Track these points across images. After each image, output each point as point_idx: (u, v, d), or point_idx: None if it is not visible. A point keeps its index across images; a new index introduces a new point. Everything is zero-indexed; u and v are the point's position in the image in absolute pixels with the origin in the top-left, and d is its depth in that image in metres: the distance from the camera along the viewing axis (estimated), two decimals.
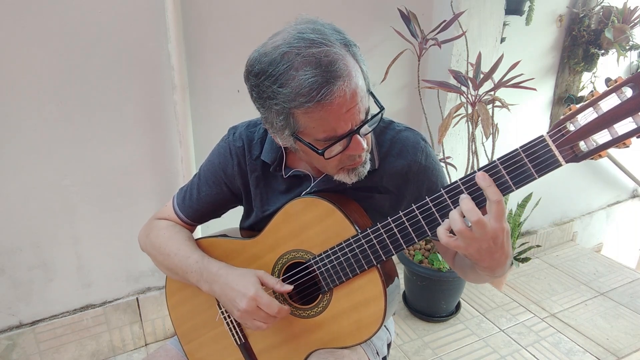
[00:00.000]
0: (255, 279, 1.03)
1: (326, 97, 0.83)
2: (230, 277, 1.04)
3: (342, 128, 0.88)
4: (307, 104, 0.84)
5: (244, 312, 1.00)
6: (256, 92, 0.91)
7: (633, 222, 3.65)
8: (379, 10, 2.16)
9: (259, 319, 1.01)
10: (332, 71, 0.83)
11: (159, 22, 1.76)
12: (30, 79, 1.66)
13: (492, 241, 0.83)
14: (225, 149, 1.17)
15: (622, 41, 2.50)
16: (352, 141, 0.91)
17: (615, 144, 0.71)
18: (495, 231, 0.82)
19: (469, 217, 0.81)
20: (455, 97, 2.23)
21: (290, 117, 0.88)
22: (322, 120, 0.87)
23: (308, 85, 0.82)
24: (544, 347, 2.21)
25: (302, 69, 0.83)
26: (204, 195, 1.20)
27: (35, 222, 1.83)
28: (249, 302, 0.99)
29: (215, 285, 1.06)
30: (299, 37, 0.85)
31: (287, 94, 0.84)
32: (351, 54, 0.88)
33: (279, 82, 0.85)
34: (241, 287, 1.01)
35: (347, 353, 1.09)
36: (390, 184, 1.10)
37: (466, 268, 1.08)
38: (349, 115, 0.87)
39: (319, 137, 0.89)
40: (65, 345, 2.04)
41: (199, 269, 1.09)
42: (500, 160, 0.81)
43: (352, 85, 0.85)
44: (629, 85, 0.69)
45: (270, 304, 1.00)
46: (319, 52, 0.83)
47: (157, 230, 1.20)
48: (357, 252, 0.99)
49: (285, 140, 0.96)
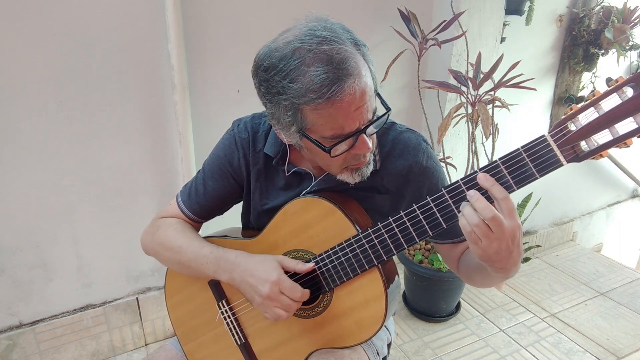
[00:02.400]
0: (276, 264, 1.01)
1: (337, 94, 0.83)
2: (251, 263, 1.03)
3: (350, 126, 0.88)
4: (318, 100, 0.84)
5: (266, 297, 0.98)
6: (265, 87, 0.90)
7: (633, 222, 3.65)
8: (379, 10, 2.16)
9: (281, 306, 0.99)
10: (344, 69, 0.83)
11: (159, 22, 1.76)
12: (30, 79, 1.66)
13: (510, 240, 0.81)
14: (231, 140, 1.16)
15: (622, 41, 2.50)
16: (358, 140, 0.91)
17: (616, 143, 0.71)
18: (512, 229, 0.80)
19: (484, 215, 0.78)
20: (455, 97, 2.23)
21: (298, 114, 0.88)
22: (330, 117, 0.86)
23: (319, 82, 0.82)
24: (544, 347, 2.21)
25: (313, 65, 0.83)
26: (210, 190, 1.18)
27: (35, 222, 1.83)
28: (272, 287, 0.98)
29: (235, 273, 1.04)
30: (310, 33, 0.85)
31: (297, 90, 0.84)
32: (361, 53, 0.89)
33: (290, 78, 0.85)
34: (262, 273, 1.00)
35: (347, 353, 1.09)
36: (391, 185, 1.09)
37: (474, 272, 1.04)
38: (358, 113, 0.87)
39: (326, 135, 0.89)
40: (65, 345, 2.04)
41: (215, 259, 1.08)
42: (501, 160, 0.81)
43: (361, 84, 0.86)
44: (630, 85, 0.69)
45: (294, 288, 0.98)
46: (331, 50, 0.83)
47: (165, 226, 1.19)
48: (357, 251, 0.99)
49: (291, 137, 0.96)
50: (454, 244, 1.13)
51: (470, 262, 1.06)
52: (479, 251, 0.83)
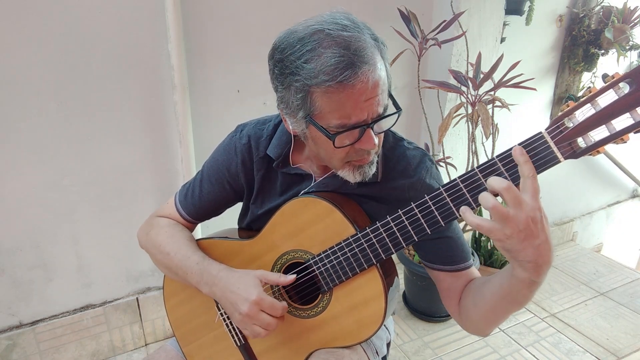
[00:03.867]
0: (257, 281, 1.01)
1: (349, 79, 0.82)
2: (232, 279, 1.03)
3: (358, 116, 0.87)
4: (329, 82, 0.83)
5: (245, 315, 0.98)
6: (279, 67, 0.90)
7: (633, 222, 3.64)
8: (379, 10, 2.16)
9: (260, 324, 0.99)
10: (360, 56, 0.83)
11: (159, 22, 1.76)
12: (31, 79, 1.66)
13: (530, 220, 0.75)
14: (230, 146, 1.16)
15: (622, 41, 2.50)
16: (364, 135, 0.90)
17: (613, 139, 0.71)
18: (532, 209, 0.75)
19: (498, 187, 0.75)
20: (455, 97, 2.23)
21: (308, 97, 0.87)
22: (339, 103, 0.85)
23: (334, 64, 0.82)
24: (544, 347, 2.21)
25: (330, 48, 0.83)
26: (205, 193, 1.19)
27: (35, 222, 1.83)
28: (251, 307, 0.98)
29: (216, 287, 1.05)
30: (332, 20, 0.86)
31: (310, 70, 0.84)
32: (379, 49, 0.89)
33: (305, 58, 0.85)
34: (242, 291, 1.00)
35: (347, 353, 1.09)
36: (391, 197, 1.07)
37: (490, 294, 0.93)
38: (368, 104, 0.87)
39: (333, 124, 0.88)
40: (65, 345, 2.04)
41: (199, 271, 1.08)
42: (498, 158, 0.80)
43: (375, 75, 0.85)
44: (626, 81, 0.69)
45: (273, 306, 0.98)
46: (350, 37, 0.84)
47: (158, 228, 1.20)
48: (356, 251, 0.98)
49: (297, 124, 0.95)
50: (454, 274, 1.06)
51: (484, 284, 0.98)
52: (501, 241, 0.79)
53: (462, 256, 1.06)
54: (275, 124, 1.15)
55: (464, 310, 1.03)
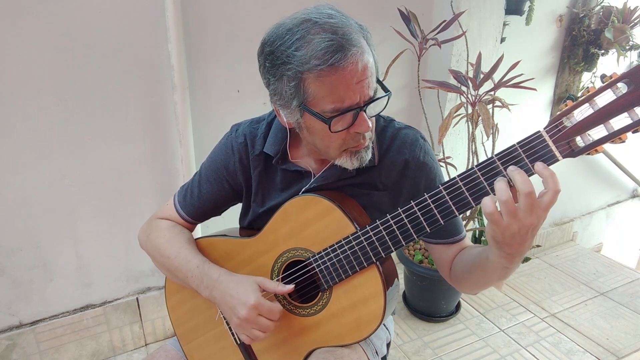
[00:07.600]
0: (255, 286, 1.02)
1: (340, 61, 0.85)
2: (231, 284, 1.04)
3: (351, 99, 0.89)
4: (320, 66, 0.85)
5: (243, 320, 1.00)
6: (270, 60, 0.92)
7: (633, 222, 3.64)
8: (379, 10, 2.16)
9: (258, 328, 1.01)
10: (348, 39, 0.86)
11: (159, 22, 1.76)
12: (31, 79, 1.66)
13: (532, 228, 0.79)
14: (227, 145, 1.17)
15: (622, 41, 2.51)
16: (358, 118, 0.92)
17: (611, 139, 0.71)
18: (539, 219, 0.79)
19: (522, 188, 0.76)
20: (455, 97, 2.23)
21: (301, 84, 0.89)
22: (332, 87, 0.88)
23: (324, 48, 0.85)
24: (544, 347, 2.21)
25: (319, 34, 0.86)
26: (204, 193, 1.20)
27: (35, 222, 1.84)
28: (249, 311, 0.99)
29: (215, 291, 1.06)
30: (317, 11, 0.90)
31: (301, 57, 0.87)
32: (365, 37, 0.92)
33: (295, 46, 0.87)
34: (241, 295, 1.01)
35: (347, 353, 1.09)
36: (389, 180, 1.10)
37: (472, 268, 1.01)
38: (359, 87, 0.89)
39: (327, 109, 0.90)
40: (65, 345, 2.04)
41: (199, 274, 1.09)
42: (498, 156, 0.81)
43: (364, 58, 0.88)
44: (624, 81, 0.69)
45: (272, 310, 1.00)
46: (337, 22, 0.87)
47: (158, 230, 1.20)
48: (356, 249, 0.99)
49: (292, 114, 0.96)
50: (448, 245, 1.12)
51: (467, 258, 1.05)
52: (496, 232, 0.81)
53: (457, 230, 1.11)
54: (268, 122, 1.16)
55: (455, 273, 1.10)
